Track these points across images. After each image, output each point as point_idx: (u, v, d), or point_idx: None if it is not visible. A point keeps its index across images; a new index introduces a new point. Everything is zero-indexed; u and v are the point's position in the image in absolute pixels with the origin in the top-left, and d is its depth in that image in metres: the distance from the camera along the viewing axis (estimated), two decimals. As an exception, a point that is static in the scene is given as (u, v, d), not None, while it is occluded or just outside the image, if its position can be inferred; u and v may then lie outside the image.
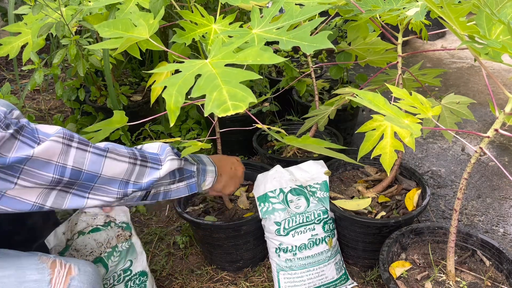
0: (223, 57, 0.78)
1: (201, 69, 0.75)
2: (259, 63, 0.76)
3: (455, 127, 1.26)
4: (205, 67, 0.76)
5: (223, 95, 0.67)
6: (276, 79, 2.30)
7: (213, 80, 0.70)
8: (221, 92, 0.67)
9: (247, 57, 0.77)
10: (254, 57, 0.76)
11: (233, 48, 0.81)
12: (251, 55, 0.77)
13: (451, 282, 1.10)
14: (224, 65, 0.76)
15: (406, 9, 1.08)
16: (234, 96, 0.66)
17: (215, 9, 1.84)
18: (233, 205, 1.48)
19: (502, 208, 1.72)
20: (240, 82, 0.69)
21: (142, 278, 1.23)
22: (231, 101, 0.65)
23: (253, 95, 0.66)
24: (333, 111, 1.56)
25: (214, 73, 0.72)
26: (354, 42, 1.61)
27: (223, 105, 0.65)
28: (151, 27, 1.02)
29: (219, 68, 0.75)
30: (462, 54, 3.36)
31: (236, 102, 0.65)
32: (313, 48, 0.82)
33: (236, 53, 0.79)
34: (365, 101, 0.87)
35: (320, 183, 1.37)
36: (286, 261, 1.32)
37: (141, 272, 1.22)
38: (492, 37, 0.83)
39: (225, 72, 0.73)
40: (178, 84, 0.72)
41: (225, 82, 0.69)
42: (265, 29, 0.93)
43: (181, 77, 0.74)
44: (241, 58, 0.77)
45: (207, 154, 2.09)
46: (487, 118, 2.40)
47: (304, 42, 0.84)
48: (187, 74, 0.74)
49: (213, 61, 0.78)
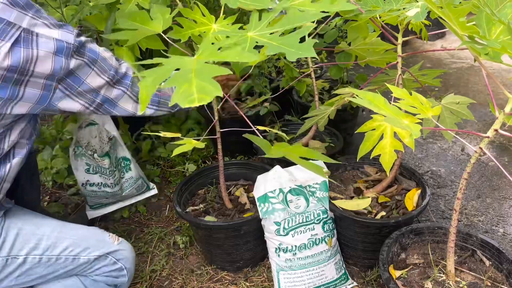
0: (208, 55, 0.81)
1: (182, 64, 0.78)
2: (239, 60, 0.79)
3: (455, 127, 1.26)
4: (188, 63, 0.78)
5: (191, 88, 0.69)
6: (276, 79, 2.30)
7: (187, 74, 0.73)
8: (190, 85, 0.70)
9: (228, 55, 0.80)
10: (234, 56, 0.79)
11: (218, 47, 0.83)
12: (232, 54, 0.80)
13: (451, 282, 1.10)
14: (205, 62, 0.78)
15: (406, 9, 1.08)
16: (203, 89, 0.69)
17: (215, 9, 1.84)
18: (233, 205, 1.48)
19: (502, 208, 1.72)
20: (212, 77, 0.72)
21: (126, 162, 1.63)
22: (198, 94, 0.68)
23: (220, 90, 0.69)
24: (333, 111, 1.56)
25: (191, 68, 0.75)
26: (354, 42, 1.61)
27: (190, 97, 0.67)
28: (166, 22, 1.04)
29: (199, 64, 0.77)
30: (462, 54, 3.36)
31: (203, 95, 0.68)
32: (297, 55, 0.83)
33: (220, 52, 0.82)
34: (365, 102, 0.88)
35: (319, 183, 1.37)
36: (286, 261, 1.32)
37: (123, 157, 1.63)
38: (492, 37, 0.83)
39: (201, 68, 0.75)
40: (154, 76, 0.75)
41: (197, 76, 0.72)
42: (260, 32, 0.94)
43: (160, 70, 0.76)
44: (223, 56, 0.80)
45: (207, 155, 2.09)
46: (487, 118, 2.40)
47: (291, 49, 0.85)
48: (167, 67, 0.77)
49: (199, 58, 0.81)
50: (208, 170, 1.61)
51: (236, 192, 1.55)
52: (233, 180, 1.62)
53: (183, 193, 1.51)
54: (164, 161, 2.06)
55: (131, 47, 1.24)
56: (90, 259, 1.13)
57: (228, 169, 1.59)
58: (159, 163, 2.05)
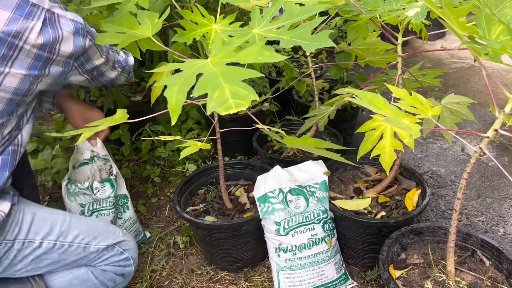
0: (224, 56, 0.78)
1: (202, 68, 0.75)
2: (260, 61, 0.76)
3: (455, 127, 1.26)
4: (206, 66, 0.76)
5: (225, 94, 0.66)
6: (276, 79, 2.30)
7: (215, 79, 0.70)
8: (223, 91, 0.67)
9: (248, 55, 0.77)
10: (255, 56, 0.76)
11: (234, 47, 0.81)
12: (252, 53, 0.77)
13: (451, 282, 1.10)
14: (225, 64, 0.76)
15: (406, 9, 1.08)
16: (237, 94, 0.66)
17: (215, 9, 1.84)
18: (233, 205, 1.48)
19: (502, 208, 1.72)
20: (241, 80, 0.70)
21: (124, 200, 1.53)
22: (233, 99, 0.65)
23: (255, 93, 0.67)
24: (333, 111, 1.56)
25: (215, 72, 0.72)
26: (354, 42, 1.61)
27: (225, 104, 0.65)
28: (155, 26, 1.04)
29: (220, 67, 0.75)
30: (462, 54, 3.36)
31: (238, 100, 0.65)
32: (314, 46, 0.83)
33: (237, 52, 0.79)
34: (365, 102, 0.87)
35: (319, 183, 1.37)
36: (286, 261, 1.32)
37: (121, 195, 1.52)
38: (491, 37, 0.83)
39: (226, 71, 0.73)
40: (180, 83, 0.72)
41: (226, 81, 0.69)
42: (266, 28, 0.94)
43: (182, 76, 0.73)
44: (242, 57, 0.77)
45: (207, 155, 2.09)
46: (487, 118, 2.40)
47: (305, 41, 0.85)
48: (188, 73, 0.74)
49: (214, 60, 0.78)
50: (208, 170, 1.61)
51: (236, 192, 1.55)
52: (233, 180, 1.62)
53: (183, 193, 1.51)
54: (164, 161, 2.06)
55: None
56: (100, 248, 1.18)
57: (228, 169, 1.59)
58: (159, 163, 2.05)
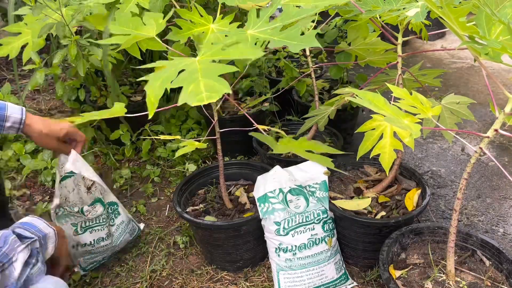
0: (212, 54, 0.82)
1: (188, 65, 0.78)
2: (242, 57, 0.80)
3: (455, 127, 1.26)
4: (192, 64, 0.79)
5: (200, 87, 0.70)
6: (276, 79, 2.30)
7: (194, 74, 0.74)
8: (198, 84, 0.71)
9: (231, 53, 0.81)
10: (237, 53, 0.80)
11: (221, 46, 0.83)
12: (235, 51, 0.81)
13: (451, 282, 1.10)
14: (210, 61, 0.78)
15: (406, 9, 1.08)
16: (211, 87, 0.70)
17: (215, 9, 1.84)
18: (233, 205, 1.48)
19: (502, 208, 1.72)
20: (219, 75, 0.73)
21: (113, 207, 1.49)
22: (206, 92, 0.69)
23: (228, 87, 0.70)
24: (333, 111, 1.56)
25: (197, 68, 0.76)
26: (354, 42, 1.61)
27: (198, 96, 0.68)
28: (159, 26, 1.05)
29: (204, 64, 0.78)
30: (462, 54, 3.36)
31: (211, 93, 0.69)
32: (300, 47, 0.85)
33: (223, 50, 0.83)
34: (365, 102, 0.88)
35: (319, 183, 1.37)
36: (286, 261, 1.32)
37: (110, 202, 1.47)
38: (492, 37, 0.83)
39: (207, 67, 0.76)
40: (162, 78, 0.75)
41: (204, 76, 0.73)
42: (260, 29, 0.95)
43: (166, 73, 0.77)
44: (226, 54, 0.81)
45: (207, 155, 2.09)
46: (487, 118, 2.40)
47: (293, 42, 0.87)
48: (171, 70, 0.77)
49: (202, 58, 0.81)
50: (208, 170, 1.61)
51: (236, 192, 1.55)
52: (233, 180, 1.62)
53: (183, 193, 1.51)
54: (164, 161, 2.06)
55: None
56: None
57: (228, 169, 1.59)
58: (159, 163, 2.05)
